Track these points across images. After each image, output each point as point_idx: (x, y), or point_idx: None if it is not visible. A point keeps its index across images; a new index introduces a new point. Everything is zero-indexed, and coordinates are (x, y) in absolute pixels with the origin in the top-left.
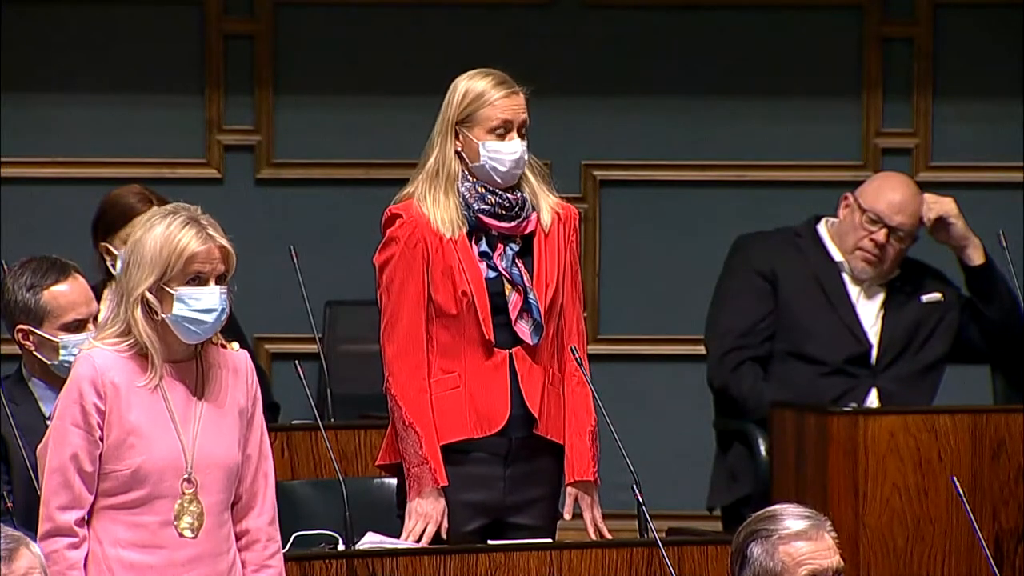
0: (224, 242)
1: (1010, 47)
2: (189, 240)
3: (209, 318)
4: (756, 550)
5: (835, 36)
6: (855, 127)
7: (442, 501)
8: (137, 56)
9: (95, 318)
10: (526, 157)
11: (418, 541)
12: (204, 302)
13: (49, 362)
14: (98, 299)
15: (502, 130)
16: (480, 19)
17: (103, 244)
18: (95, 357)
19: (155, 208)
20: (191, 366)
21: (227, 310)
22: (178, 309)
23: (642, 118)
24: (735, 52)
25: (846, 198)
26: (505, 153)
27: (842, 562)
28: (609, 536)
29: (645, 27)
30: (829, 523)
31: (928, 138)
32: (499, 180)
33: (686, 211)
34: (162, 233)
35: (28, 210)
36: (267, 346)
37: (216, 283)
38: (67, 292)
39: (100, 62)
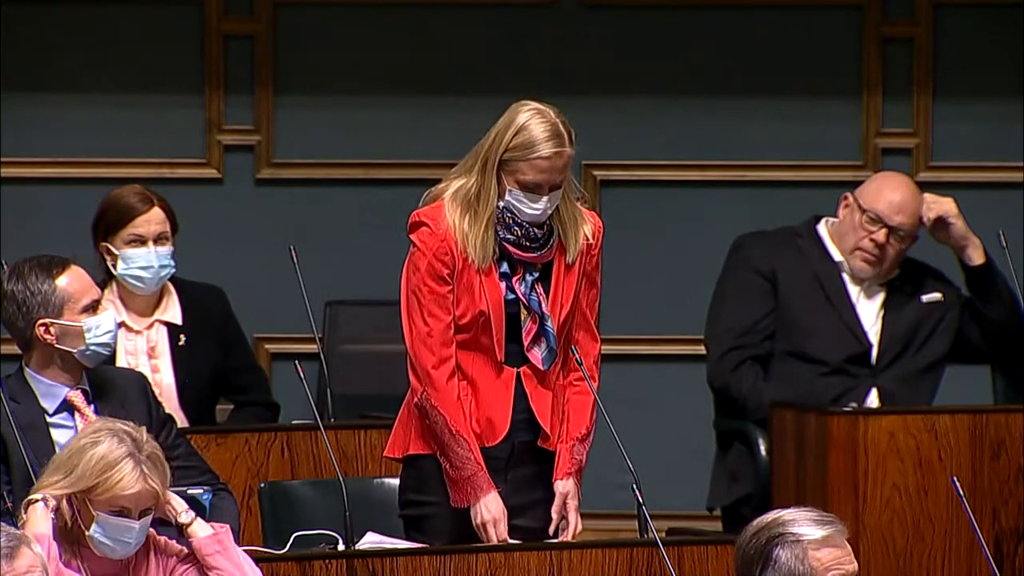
0: (156, 483)
1: (1010, 47)
2: (123, 477)
3: (119, 545)
4: (784, 554)
5: (835, 36)
6: (855, 127)
7: (499, 499)
8: (137, 56)
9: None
10: (552, 208)
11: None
12: (124, 533)
13: (75, 351)
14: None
15: (532, 187)
16: (481, 19)
17: (103, 244)
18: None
19: (101, 425)
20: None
21: (140, 542)
22: (96, 531)
23: (642, 118)
24: (735, 52)
25: (846, 198)
26: (528, 207)
27: (857, 566)
28: (578, 528)
29: (646, 27)
30: (843, 526)
31: (928, 138)
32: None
33: (686, 211)
34: (102, 454)
35: (28, 210)
36: (267, 346)
37: (139, 517)
38: (76, 278)
39: (100, 62)
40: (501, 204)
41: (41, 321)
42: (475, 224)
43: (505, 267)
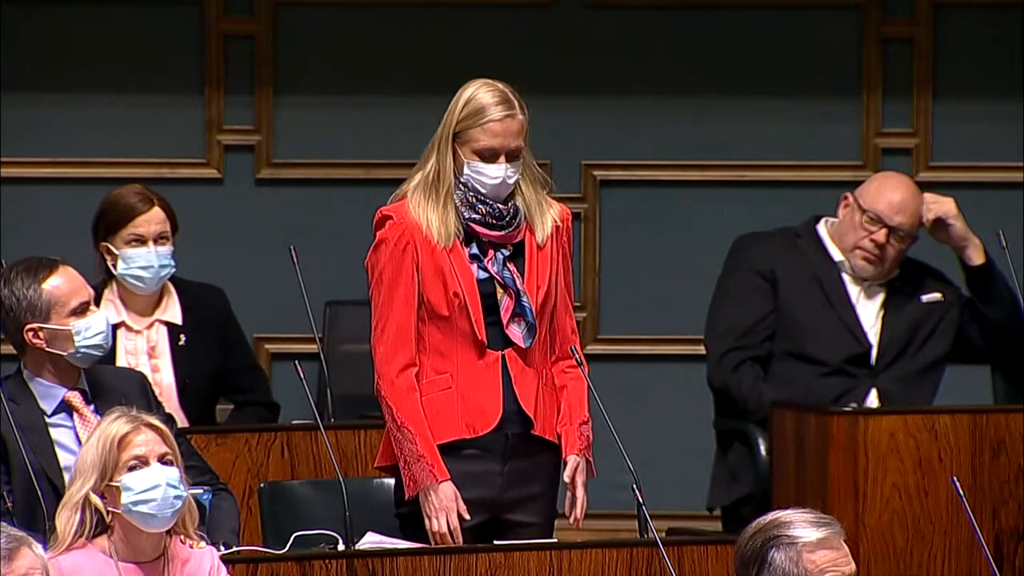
0: (156, 423)
1: (1010, 47)
2: (117, 427)
3: (157, 495)
4: (779, 556)
5: (835, 36)
6: (855, 127)
7: (448, 487)
8: (137, 56)
9: (95, 301)
10: (512, 180)
11: (451, 536)
12: (153, 488)
13: (66, 353)
14: (98, 300)
15: (488, 154)
16: (480, 19)
17: (103, 244)
18: (61, 562)
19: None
20: (157, 567)
21: (181, 493)
22: (127, 499)
23: (642, 118)
24: (735, 52)
25: (846, 198)
26: (487, 176)
27: (855, 567)
28: (584, 504)
29: (645, 27)
30: (841, 528)
31: (928, 138)
32: (484, 196)
33: (686, 211)
34: (100, 431)
35: (28, 210)
36: (267, 346)
37: (159, 463)
38: (65, 280)
39: (100, 62)
40: (462, 180)
41: (29, 326)
42: (437, 204)
43: (475, 249)
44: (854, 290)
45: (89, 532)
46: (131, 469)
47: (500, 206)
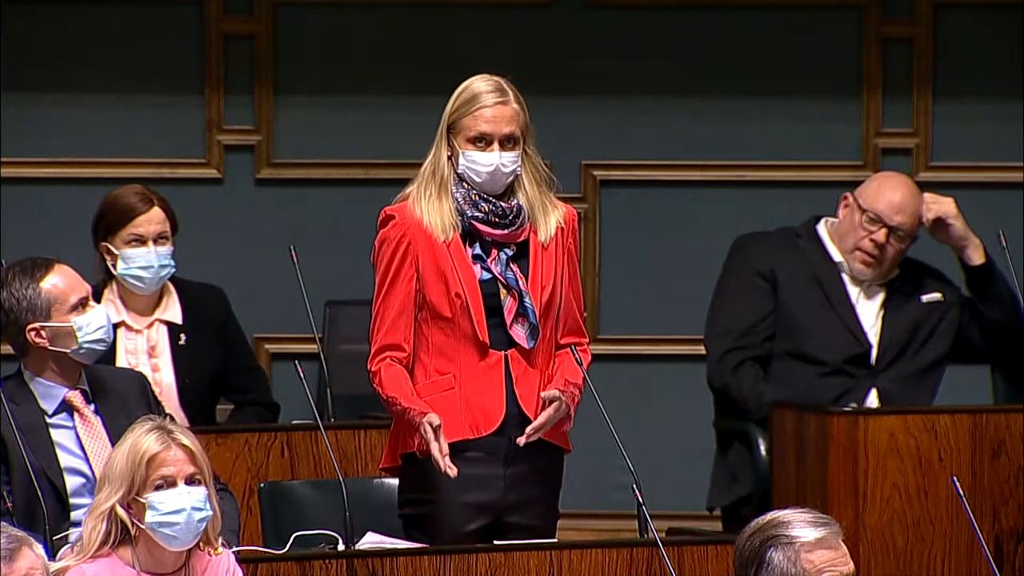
0: (186, 442)
1: (1010, 47)
2: (149, 444)
3: (181, 519)
4: (777, 556)
5: (835, 36)
6: (855, 127)
7: (433, 418)
8: (137, 56)
9: (93, 297)
10: (508, 169)
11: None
12: (175, 503)
13: (69, 350)
14: (98, 299)
15: (481, 141)
16: (480, 19)
17: (103, 244)
18: (85, 569)
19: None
20: None
21: (205, 515)
22: (151, 517)
23: (642, 118)
24: (735, 52)
25: (846, 198)
26: (481, 164)
27: (853, 567)
28: (531, 432)
29: (645, 27)
30: (839, 527)
31: (928, 138)
32: (480, 188)
33: (686, 211)
34: (129, 443)
35: (28, 210)
36: (267, 346)
37: (187, 484)
38: (62, 278)
39: (100, 62)
40: (459, 172)
41: (31, 326)
42: (435, 196)
43: (478, 249)
44: (854, 290)
45: (114, 541)
46: (158, 488)
47: (503, 204)
